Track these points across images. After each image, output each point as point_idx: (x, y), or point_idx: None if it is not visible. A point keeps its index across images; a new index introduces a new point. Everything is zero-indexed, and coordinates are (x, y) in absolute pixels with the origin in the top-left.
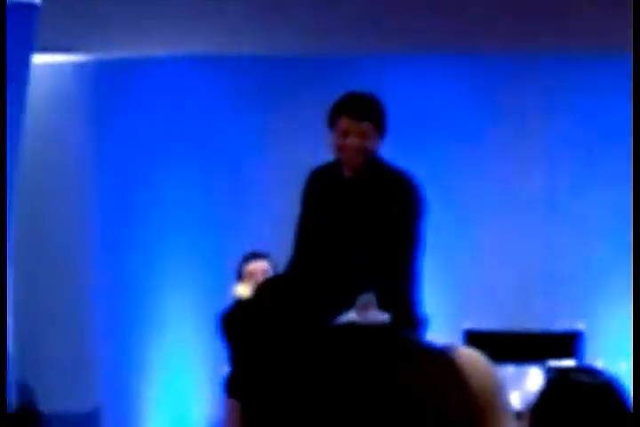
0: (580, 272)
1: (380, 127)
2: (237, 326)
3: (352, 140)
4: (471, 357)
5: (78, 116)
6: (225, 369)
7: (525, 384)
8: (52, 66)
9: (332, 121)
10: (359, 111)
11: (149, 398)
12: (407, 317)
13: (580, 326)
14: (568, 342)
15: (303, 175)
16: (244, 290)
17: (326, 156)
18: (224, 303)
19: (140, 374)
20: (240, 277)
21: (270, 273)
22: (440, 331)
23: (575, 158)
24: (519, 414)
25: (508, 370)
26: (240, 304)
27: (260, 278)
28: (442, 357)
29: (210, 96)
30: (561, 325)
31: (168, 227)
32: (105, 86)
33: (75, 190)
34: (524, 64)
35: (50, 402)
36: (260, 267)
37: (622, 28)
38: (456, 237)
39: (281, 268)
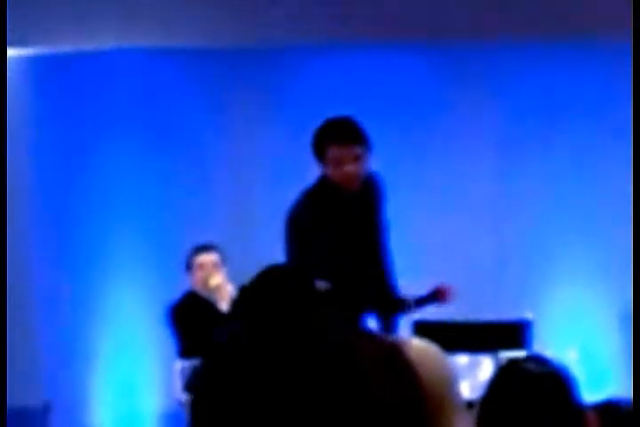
0: (525, 261)
1: (368, 146)
2: (191, 316)
3: (349, 168)
4: (424, 349)
5: (20, 110)
6: (175, 362)
7: (477, 374)
8: None
9: (321, 152)
10: (347, 137)
11: (98, 392)
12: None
13: (528, 315)
14: (517, 332)
15: (257, 166)
16: (215, 280)
17: (277, 147)
18: (174, 295)
19: (88, 367)
20: (189, 268)
21: (219, 265)
22: None
23: (522, 145)
24: (470, 404)
25: (461, 360)
26: (189, 296)
27: (210, 270)
28: (389, 348)
29: (156, 87)
30: (509, 314)
31: (119, 216)
32: (46, 81)
33: (16, 181)
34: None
35: None
36: (209, 259)
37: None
38: (402, 226)
39: (229, 260)
